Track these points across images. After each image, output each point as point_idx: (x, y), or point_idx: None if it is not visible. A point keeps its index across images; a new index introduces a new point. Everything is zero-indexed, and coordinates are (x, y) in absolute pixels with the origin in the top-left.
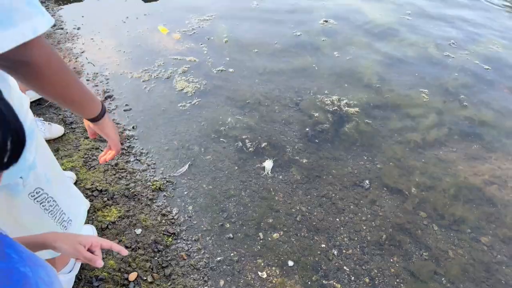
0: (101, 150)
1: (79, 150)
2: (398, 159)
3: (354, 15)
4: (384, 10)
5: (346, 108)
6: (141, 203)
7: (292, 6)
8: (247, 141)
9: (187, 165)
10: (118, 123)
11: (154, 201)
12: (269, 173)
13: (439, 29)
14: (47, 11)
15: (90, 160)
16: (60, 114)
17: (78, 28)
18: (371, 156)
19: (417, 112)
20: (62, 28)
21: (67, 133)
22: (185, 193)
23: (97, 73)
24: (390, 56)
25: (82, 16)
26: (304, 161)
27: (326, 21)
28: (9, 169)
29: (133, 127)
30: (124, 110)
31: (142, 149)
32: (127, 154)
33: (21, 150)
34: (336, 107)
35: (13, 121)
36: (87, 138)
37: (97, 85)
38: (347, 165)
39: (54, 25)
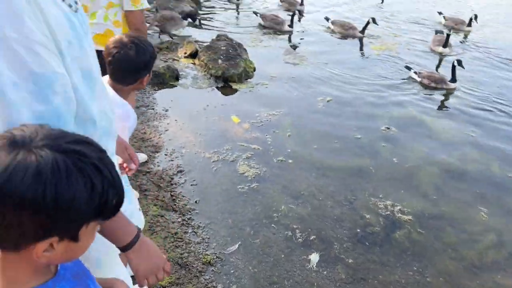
0: (166, 218)
1: (147, 215)
2: (450, 275)
3: (416, 126)
4: (448, 125)
5: (400, 215)
6: (191, 274)
7: (356, 111)
8: (297, 231)
9: (237, 244)
10: (183, 196)
11: (202, 273)
12: (314, 266)
13: (505, 150)
14: (146, 94)
15: (154, 226)
16: (137, 181)
17: (166, 110)
18: (421, 268)
19: (474, 230)
20: (153, 109)
21: (140, 198)
22: (232, 271)
23: (174, 150)
24: (450, 169)
25: (171, 100)
26: (350, 261)
27: (388, 128)
28: None
29: (196, 202)
30: (191, 185)
31: (200, 222)
32: (187, 225)
33: (119, 208)
34: (389, 212)
35: (120, 186)
36: (156, 205)
37: (172, 160)
38: (395, 272)
39: (147, 105)
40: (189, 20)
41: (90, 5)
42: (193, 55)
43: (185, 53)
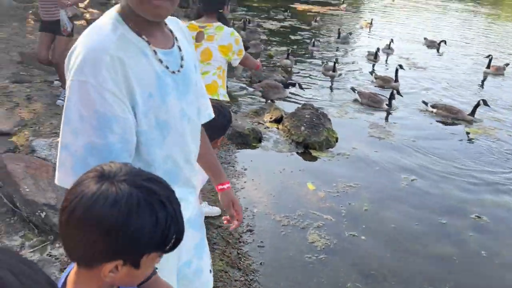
0: (230, 275)
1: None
2: None
3: None
4: None
5: None
6: None
7: (443, 195)
8: None
9: None
10: (249, 255)
11: None
12: None
13: None
14: (229, 153)
15: (217, 281)
16: (208, 234)
17: (245, 169)
18: None
19: None
20: (233, 166)
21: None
22: None
23: (247, 208)
24: None
25: (251, 160)
26: None
27: (479, 217)
28: None
29: (260, 263)
30: (258, 246)
31: (262, 286)
32: (249, 286)
33: (177, 244)
34: None
35: (182, 225)
36: (222, 260)
37: (243, 218)
38: None
39: (229, 163)
40: (290, 88)
41: (202, 68)
42: (278, 121)
43: (271, 118)
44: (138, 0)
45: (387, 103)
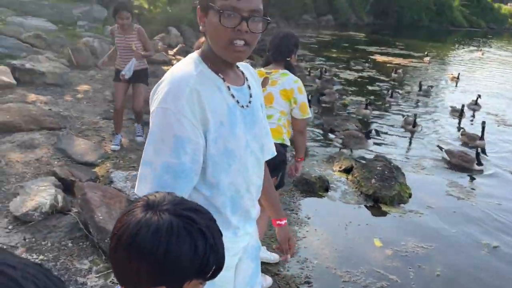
0: None
1: None
2: None
3: None
4: None
5: None
6: None
7: None
8: None
9: None
10: None
11: None
12: None
13: None
14: (293, 199)
15: None
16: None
17: (309, 218)
18: None
19: None
20: (296, 214)
21: None
22: None
23: (307, 259)
24: None
25: (316, 209)
26: None
27: None
28: None
29: None
30: None
31: None
32: None
33: (218, 273)
34: None
35: (222, 254)
36: None
37: (302, 269)
38: None
39: (292, 210)
40: (372, 138)
41: (266, 112)
42: (347, 171)
43: (340, 167)
44: (223, 46)
45: (477, 162)
